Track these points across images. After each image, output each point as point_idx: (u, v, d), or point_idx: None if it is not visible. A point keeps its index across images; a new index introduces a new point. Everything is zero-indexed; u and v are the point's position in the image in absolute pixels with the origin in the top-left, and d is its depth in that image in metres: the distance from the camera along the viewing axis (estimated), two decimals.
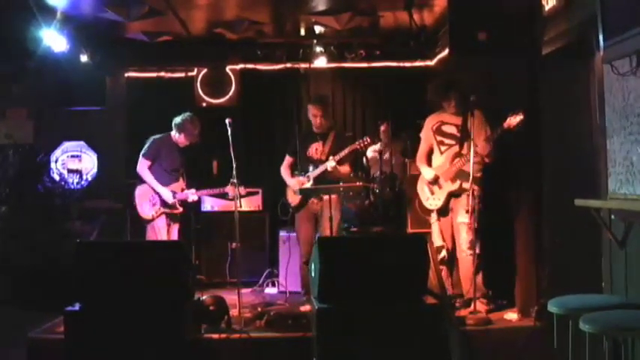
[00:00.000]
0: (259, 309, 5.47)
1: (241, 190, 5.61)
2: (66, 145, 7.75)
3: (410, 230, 6.14)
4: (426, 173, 5.49)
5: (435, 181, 5.42)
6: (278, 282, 6.65)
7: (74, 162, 7.74)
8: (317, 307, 4.20)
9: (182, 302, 4.37)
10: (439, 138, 5.48)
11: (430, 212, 5.55)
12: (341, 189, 5.77)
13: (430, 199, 5.48)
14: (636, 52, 3.55)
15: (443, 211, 5.42)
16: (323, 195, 5.80)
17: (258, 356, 4.68)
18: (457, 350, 4.49)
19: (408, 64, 7.78)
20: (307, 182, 5.91)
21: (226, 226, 6.45)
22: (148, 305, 4.28)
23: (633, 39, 3.47)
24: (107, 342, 4.15)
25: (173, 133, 6.15)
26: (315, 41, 7.36)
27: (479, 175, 5.27)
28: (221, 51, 7.56)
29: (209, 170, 7.46)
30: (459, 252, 5.31)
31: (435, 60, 7.29)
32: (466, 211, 5.13)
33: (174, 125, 6.13)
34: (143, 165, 6.07)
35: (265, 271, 6.78)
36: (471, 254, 5.12)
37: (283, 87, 7.96)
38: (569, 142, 4.88)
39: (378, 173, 6.55)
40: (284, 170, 6.16)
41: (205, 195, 6.42)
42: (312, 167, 5.94)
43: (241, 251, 5.61)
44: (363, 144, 5.81)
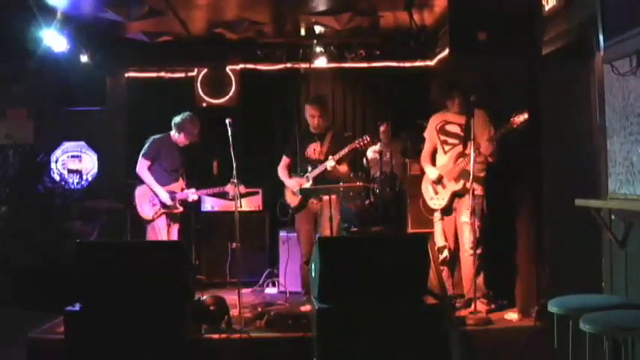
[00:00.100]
0: (259, 309, 5.46)
1: (241, 189, 5.61)
2: (66, 146, 7.75)
3: (410, 230, 6.14)
4: (430, 173, 5.49)
5: (439, 181, 5.41)
6: (278, 282, 6.64)
7: (74, 162, 7.74)
8: (317, 307, 4.20)
9: (182, 302, 4.37)
10: (443, 137, 5.47)
11: (434, 212, 5.55)
12: (341, 189, 5.77)
13: (434, 199, 5.47)
14: (636, 52, 3.55)
15: (446, 211, 5.42)
16: (323, 195, 5.81)
17: (258, 356, 4.68)
18: (457, 350, 4.49)
19: (408, 64, 7.78)
20: (306, 183, 5.91)
21: (226, 226, 6.45)
22: (148, 305, 4.28)
23: (633, 39, 3.47)
24: (107, 342, 4.15)
25: (173, 133, 6.15)
26: (315, 41, 7.36)
27: (482, 175, 5.27)
28: (221, 51, 7.56)
29: (209, 170, 7.46)
30: (462, 252, 5.30)
31: (435, 60, 7.29)
32: (470, 211, 5.13)
33: (173, 125, 6.13)
34: (143, 165, 6.07)
35: (265, 271, 6.77)
36: (472, 254, 5.12)
37: (283, 87, 7.95)
38: (569, 142, 4.87)
39: (379, 173, 6.55)
40: (281, 171, 6.14)
41: (205, 194, 6.41)
42: (310, 167, 5.93)
43: (241, 251, 5.61)
44: (363, 143, 5.80)
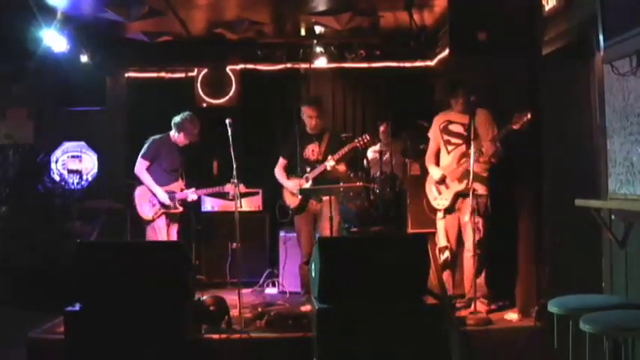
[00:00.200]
0: (259, 309, 5.46)
1: (241, 188, 5.61)
2: (66, 146, 7.75)
3: (410, 230, 6.13)
4: (434, 173, 5.49)
5: (442, 181, 5.41)
6: (278, 282, 6.64)
7: (74, 162, 7.74)
8: (317, 307, 4.20)
9: (182, 302, 4.37)
10: (446, 137, 5.47)
11: (437, 212, 5.54)
12: (341, 189, 5.76)
13: (438, 199, 5.47)
14: (636, 52, 3.55)
15: (449, 211, 5.42)
16: (322, 196, 5.80)
17: (258, 356, 4.68)
18: (457, 350, 4.48)
19: (409, 65, 7.78)
20: (306, 183, 5.91)
21: (226, 227, 6.43)
22: (148, 305, 4.28)
23: (633, 39, 3.47)
24: (107, 342, 4.15)
25: (172, 133, 6.15)
26: (315, 41, 7.36)
27: (486, 175, 5.26)
28: (221, 51, 7.56)
29: (209, 170, 7.46)
30: (465, 252, 5.30)
31: (436, 60, 7.29)
32: (475, 211, 5.13)
33: (173, 124, 6.12)
34: (141, 165, 6.06)
35: (265, 272, 6.77)
36: (473, 255, 5.11)
37: (283, 87, 7.95)
38: (569, 142, 4.87)
39: (379, 173, 6.55)
40: (279, 173, 6.13)
41: (205, 194, 6.41)
42: (308, 168, 5.93)
43: (241, 251, 5.61)
44: (363, 142, 5.80)
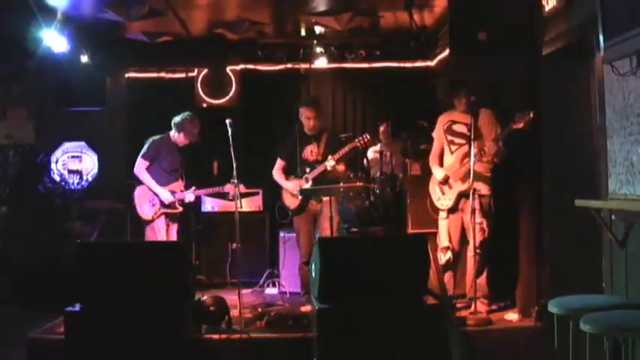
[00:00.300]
0: (260, 309, 5.46)
1: (241, 189, 5.60)
2: (66, 146, 7.75)
3: (410, 231, 6.13)
4: (437, 173, 5.49)
5: (446, 181, 5.41)
6: (278, 282, 6.64)
7: (74, 162, 7.74)
8: (317, 308, 4.20)
9: (182, 303, 4.37)
10: (450, 137, 5.46)
11: (440, 212, 5.54)
12: (341, 189, 5.75)
13: (441, 199, 5.47)
14: (636, 53, 3.55)
15: (453, 211, 5.41)
16: (323, 196, 5.80)
17: (258, 357, 4.68)
18: (457, 351, 4.48)
19: (409, 65, 7.78)
20: (306, 184, 5.90)
21: (227, 227, 6.43)
22: (149, 306, 4.28)
23: (633, 39, 3.47)
24: (107, 342, 4.15)
25: (172, 133, 6.14)
26: (315, 42, 7.36)
27: (489, 175, 5.26)
28: (221, 51, 7.57)
29: (209, 170, 7.46)
30: (469, 252, 5.30)
31: (436, 60, 7.29)
32: (479, 212, 5.13)
33: (173, 124, 6.12)
34: (141, 165, 6.05)
35: (266, 272, 6.76)
36: (476, 254, 5.11)
37: (284, 87, 7.95)
38: (569, 143, 4.87)
39: (379, 174, 6.54)
40: (277, 174, 6.12)
41: (203, 194, 6.40)
42: (308, 169, 5.93)
43: (242, 252, 5.61)
44: (363, 141, 5.81)
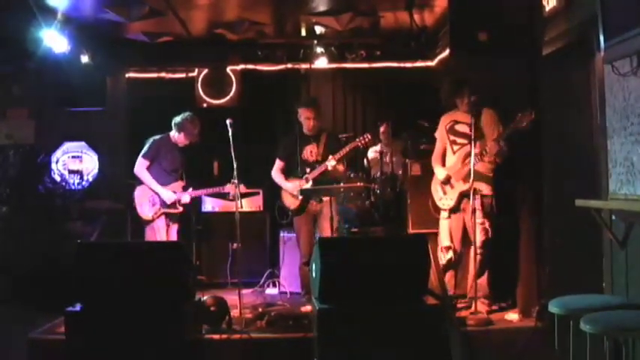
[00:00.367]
0: (260, 309, 5.46)
1: (241, 188, 5.60)
2: (67, 146, 7.75)
3: (411, 231, 6.13)
4: (439, 173, 5.49)
5: (447, 181, 5.41)
6: (279, 282, 6.64)
7: (75, 162, 7.74)
8: (318, 308, 4.19)
9: (183, 303, 4.37)
10: (452, 137, 5.45)
11: (442, 211, 5.54)
12: (342, 189, 5.75)
13: (443, 199, 5.46)
14: (637, 53, 3.55)
15: (455, 211, 5.41)
16: (323, 196, 5.80)
17: (258, 357, 4.68)
18: (458, 351, 4.48)
19: (409, 65, 7.80)
20: (306, 184, 5.90)
21: (227, 227, 6.41)
22: (149, 306, 4.28)
23: (634, 39, 3.47)
24: (108, 342, 4.15)
25: (172, 133, 6.14)
26: (315, 42, 7.37)
27: (491, 175, 5.26)
28: (221, 51, 7.58)
29: (210, 171, 7.46)
30: (471, 252, 5.29)
31: (436, 60, 7.29)
32: (481, 212, 5.12)
33: (173, 125, 6.12)
34: (141, 165, 6.05)
35: (266, 272, 6.76)
36: (479, 254, 5.11)
37: (284, 87, 7.95)
38: (569, 142, 4.87)
39: (379, 174, 6.55)
40: (277, 174, 6.11)
41: (202, 194, 6.40)
42: (308, 169, 5.93)
43: (242, 252, 5.61)
44: (364, 141, 5.81)
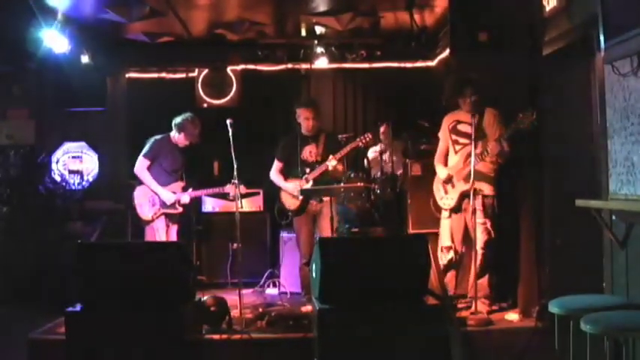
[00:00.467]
0: (260, 310, 5.46)
1: (242, 189, 5.60)
2: (67, 146, 7.75)
3: (411, 231, 6.13)
4: (440, 172, 5.49)
5: (449, 181, 5.40)
6: (279, 283, 6.64)
7: (75, 163, 7.74)
8: (318, 308, 4.20)
9: (183, 303, 4.37)
10: (454, 137, 5.45)
11: (443, 211, 5.53)
12: (342, 189, 5.74)
13: (444, 199, 5.46)
14: (637, 53, 3.55)
15: (456, 211, 5.40)
16: (323, 196, 5.80)
17: (259, 357, 4.67)
18: (458, 351, 4.48)
19: (409, 65, 7.80)
20: (306, 184, 5.90)
21: (227, 227, 6.42)
22: (149, 306, 4.28)
23: (634, 39, 3.47)
24: (108, 343, 4.15)
25: (173, 134, 6.14)
26: (316, 42, 7.37)
27: (493, 175, 5.26)
28: (222, 52, 7.58)
29: (210, 171, 7.46)
30: (472, 252, 5.29)
31: (436, 60, 7.30)
32: (482, 212, 5.12)
33: (174, 125, 6.12)
34: (142, 165, 6.04)
35: (266, 272, 6.76)
36: (481, 255, 5.11)
37: (284, 88, 7.95)
38: (569, 142, 4.86)
39: (379, 174, 6.54)
40: (276, 175, 6.11)
41: (202, 195, 6.40)
42: (307, 169, 5.93)
43: (242, 252, 5.60)
44: (365, 140, 5.81)
